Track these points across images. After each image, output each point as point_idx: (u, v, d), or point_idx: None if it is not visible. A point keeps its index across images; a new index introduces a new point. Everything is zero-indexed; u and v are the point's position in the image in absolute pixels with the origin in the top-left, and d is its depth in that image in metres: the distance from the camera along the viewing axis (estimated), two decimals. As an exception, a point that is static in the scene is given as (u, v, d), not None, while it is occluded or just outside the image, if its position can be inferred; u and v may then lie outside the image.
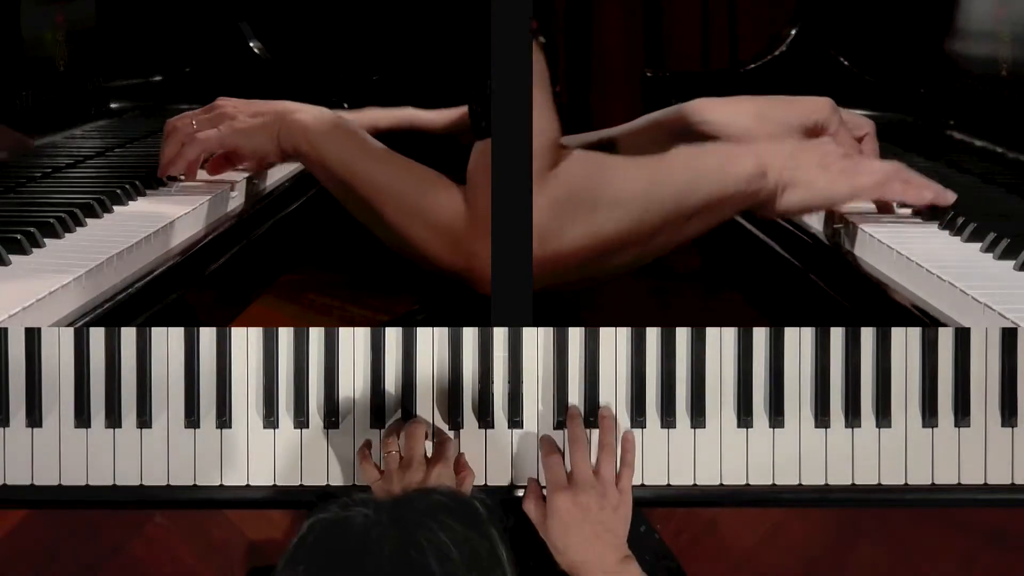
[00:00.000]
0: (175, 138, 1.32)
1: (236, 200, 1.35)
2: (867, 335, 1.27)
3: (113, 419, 1.26)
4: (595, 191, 1.05)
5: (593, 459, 1.22)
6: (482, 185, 1.10)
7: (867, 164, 1.15)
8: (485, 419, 1.27)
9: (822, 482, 1.27)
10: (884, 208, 1.20)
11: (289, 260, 1.50)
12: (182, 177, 1.33)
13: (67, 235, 1.13)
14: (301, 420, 1.27)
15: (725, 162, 1.11)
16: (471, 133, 1.17)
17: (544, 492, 1.23)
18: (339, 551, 0.82)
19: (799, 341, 1.28)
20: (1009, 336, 1.27)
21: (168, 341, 1.27)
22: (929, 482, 1.27)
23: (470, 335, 1.28)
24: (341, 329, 1.28)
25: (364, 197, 1.18)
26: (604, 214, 1.05)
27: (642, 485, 1.26)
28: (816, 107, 1.28)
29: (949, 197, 1.16)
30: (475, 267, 1.10)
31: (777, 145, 1.15)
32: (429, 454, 1.23)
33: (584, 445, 1.22)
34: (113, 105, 1.65)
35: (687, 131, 1.30)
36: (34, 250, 1.08)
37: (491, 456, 1.27)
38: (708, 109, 1.28)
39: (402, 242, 1.16)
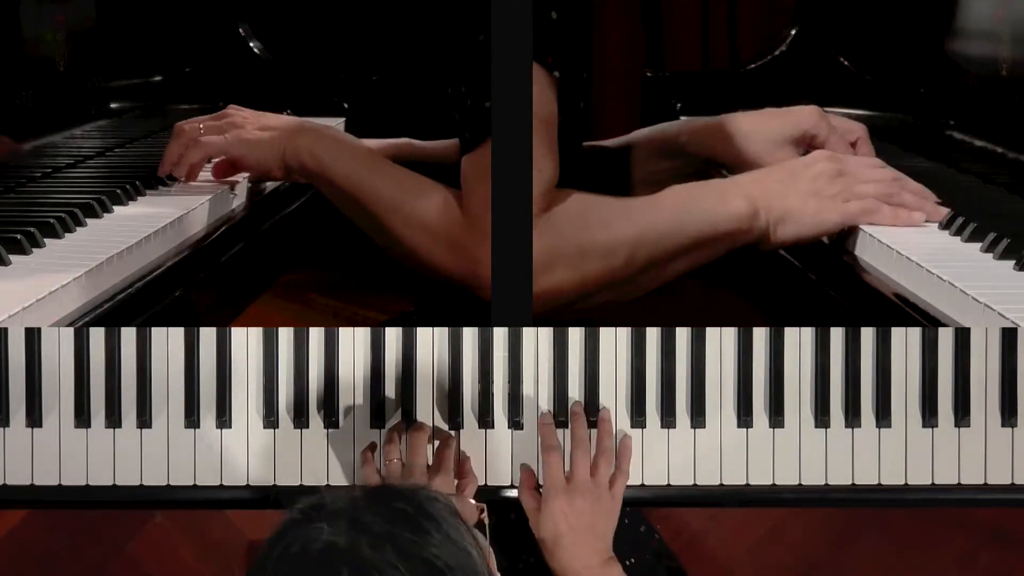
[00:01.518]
0: (180, 140, 1.33)
1: (236, 200, 1.35)
2: (867, 335, 1.27)
3: (113, 419, 1.25)
4: (585, 237, 1.08)
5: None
6: (475, 194, 1.11)
7: (860, 186, 1.16)
8: (485, 419, 1.27)
9: (822, 482, 1.27)
10: None
11: (289, 260, 1.50)
12: (181, 179, 1.33)
13: (67, 235, 1.13)
14: (301, 420, 1.26)
15: (717, 202, 1.13)
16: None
17: (539, 482, 1.24)
18: None
19: (799, 341, 1.27)
20: (1009, 336, 1.27)
21: (168, 341, 1.27)
22: (929, 482, 1.26)
23: (470, 335, 1.28)
24: (341, 329, 1.28)
25: (370, 211, 1.19)
26: (591, 260, 1.08)
27: (642, 485, 1.26)
28: (803, 117, 1.29)
29: (940, 214, 1.16)
30: (479, 274, 1.11)
31: (768, 178, 1.16)
32: (431, 459, 1.23)
33: (586, 446, 1.22)
34: (113, 105, 1.65)
35: (681, 151, 1.32)
36: (34, 250, 1.08)
37: (491, 456, 1.27)
38: (698, 130, 1.30)
39: (408, 253, 1.17)
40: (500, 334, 1.27)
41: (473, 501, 1.16)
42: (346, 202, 1.23)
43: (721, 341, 1.28)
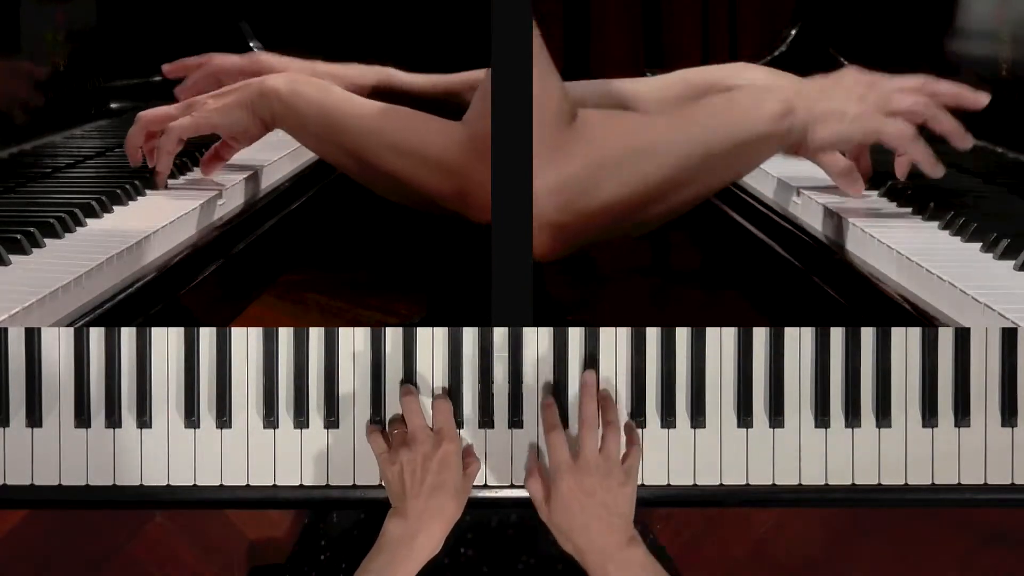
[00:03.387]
0: (151, 132, 1.31)
1: (236, 200, 1.35)
2: (867, 335, 1.27)
3: (113, 419, 1.26)
4: (624, 144, 1.02)
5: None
6: (485, 110, 1.08)
7: (897, 98, 1.16)
8: (485, 419, 1.27)
9: (822, 482, 1.27)
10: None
11: (289, 260, 1.50)
12: (160, 171, 1.32)
13: (67, 235, 1.13)
14: (301, 420, 1.27)
15: (753, 103, 1.10)
16: (450, 99, 1.15)
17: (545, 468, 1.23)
18: None
19: (799, 341, 1.28)
20: (1009, 336, 1.27)
21: (167, 341, 1.27)
22: (929, 482, 1.27)
23: (470, 335, 1.28)
24: (341, 329, 1.28)
25: (349, 147, 1.17)
26: (637, 166, 1.02)
27: (642, 485, 1.26)
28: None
29: (981, 100, 1.17)
30: (470, 192, 1.08)
31: (804, 85, 1.15)
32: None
33: (595, 423, 1.20)
34: (113, 105, 1.65)
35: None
36: (34, 250, 1.08)
37: (491, 456, 1.27)
38: (750, 73, 1.28)
39: (393, 183, 1.14)
40: (500, 334, 1.28)
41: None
42: (323, 144, 1.21)
43: (721, 341, 1.28)
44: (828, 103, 1.12)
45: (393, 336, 1.28)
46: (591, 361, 1.27)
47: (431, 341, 1.28)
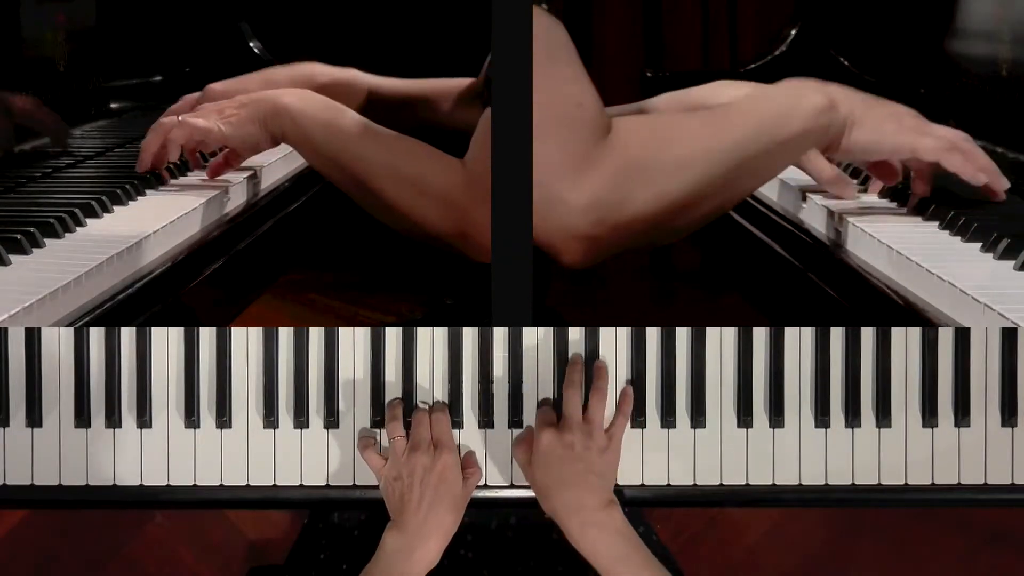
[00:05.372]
0: (161, 128, 1.32)
1: (236, 200, 1.35)
2: (867, 335, 1.27)
3: (113, 419, 1.26)
4: (655, 155, 1.01)
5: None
6: (485, 152, 1.08)
7: (935, 127, 1.17)
8: (485, 419, 1.27)
9: (822, 482, 1.27)
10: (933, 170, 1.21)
11: (289, 260, 1.50)
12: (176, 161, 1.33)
13: (67, 235, 1.13)
14: (301, 420, 1.27)
15: (793, 99, 1.10)
16: (423, 107, 1.14)
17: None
18: None
19: (799, 341, 1.28)
20: (1009, 336, 1.27)
21: (168, 341, 1.27)
22: (929, 482, 1.27)
23: (470, 335, 1.28)
24: (341, 329, 1.28)
25: (354, 173, 1.18)
26: (669, 176, 1.01)
27: (642, 485, 1.26)
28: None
29: (1003, 184, 1.18)
30: (470, 233, 1.10)
31: (850, 91, 1.15)
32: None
33: (579, 389, 1.22)
34: (113, 105, 1.65)
35: None
36: (34, 250, 1.08)
37: (491, 456, 1.27)
38: (732, 91, 1.28)
39: (395, 214, 1.16)
40: (500, 334, 1.28)
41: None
42: (328, 166, 1.22)
43: (721, 341, 1.28)
44: (870, 110, 1.13)
45: (393, 336, 1.28)
46: (591, 361, 1.27)
47: (431, 341, 1.28)
